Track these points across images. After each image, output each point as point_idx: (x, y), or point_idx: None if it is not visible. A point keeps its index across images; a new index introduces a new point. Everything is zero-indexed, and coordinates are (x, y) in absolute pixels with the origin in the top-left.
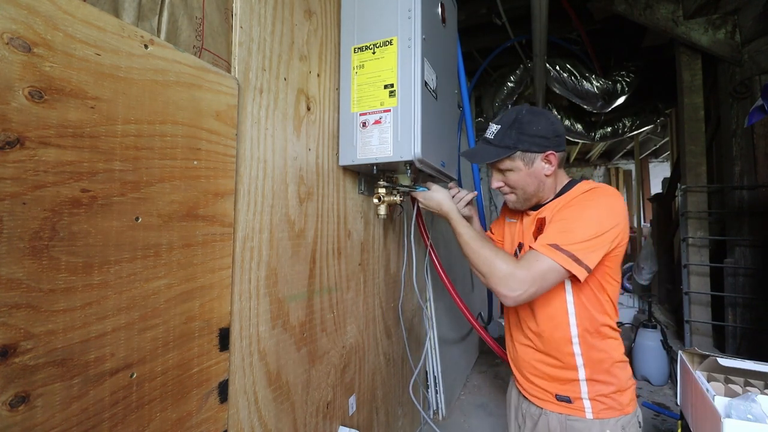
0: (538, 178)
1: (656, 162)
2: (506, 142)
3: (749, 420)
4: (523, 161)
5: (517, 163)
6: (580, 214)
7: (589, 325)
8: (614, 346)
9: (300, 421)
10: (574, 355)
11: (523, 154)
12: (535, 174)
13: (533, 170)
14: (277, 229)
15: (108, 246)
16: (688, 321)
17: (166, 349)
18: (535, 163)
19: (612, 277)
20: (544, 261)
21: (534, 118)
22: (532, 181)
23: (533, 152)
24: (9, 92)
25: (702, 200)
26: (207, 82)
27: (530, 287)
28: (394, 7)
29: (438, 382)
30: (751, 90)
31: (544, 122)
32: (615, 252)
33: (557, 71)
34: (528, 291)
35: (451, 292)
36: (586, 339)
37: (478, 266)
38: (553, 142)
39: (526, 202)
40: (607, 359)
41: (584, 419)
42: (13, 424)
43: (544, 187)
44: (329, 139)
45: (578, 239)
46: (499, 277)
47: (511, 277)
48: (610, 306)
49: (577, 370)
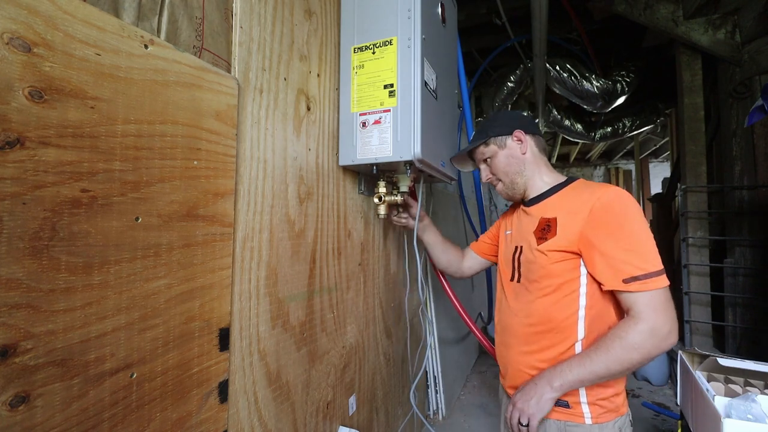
0: (515, 158)
1: (656, 162)
2: (480, 136)
3: (749, 420)
4: (496, 144)
5: (491, 147)
6: (630, 232)
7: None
8: None
9: (300, 421)
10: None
11: (494, 139)
12: (511, 154)
13: (507, 150)
14: (277, 229)
15: (108, 246)
16: (688, 321)
17: (166, 349)
18: (507, 144)
19: None
20: (654, 295)
21: (500, 112)
22: (510, 161)
23: (503, 135)
24: (9, 92)
25: (702, 200)
26: (207, 82)
27: (669, 318)
28: (393, 7)
29: (438, 382)
30: (751, 90)
31: (509, 113)
32: None
33: (557, 71)
34: (673, 323)
35: (449, 294)
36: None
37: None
38: (518, 123)
39: (513, 186)
40: None
41: (583, 425)
42: (13, 424)
43: (524, 167)
44: (329, 139)
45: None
46: (647, 343)
47: (652, 335)
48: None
49: None
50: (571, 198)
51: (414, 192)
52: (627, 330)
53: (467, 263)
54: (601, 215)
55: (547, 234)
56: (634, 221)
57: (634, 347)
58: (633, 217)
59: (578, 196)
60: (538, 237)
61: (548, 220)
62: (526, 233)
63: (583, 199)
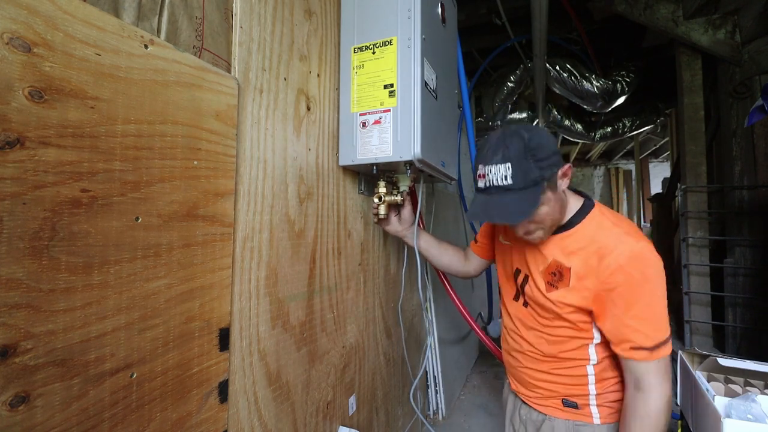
0: (561, 200)
1: (656, 162)
2: (532, 177)
3: (749, 420)
4: (551, 190)
5: (548, 194)
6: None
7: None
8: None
9: (300, 421)
10: (587, 376)
11: (549, 183)
12: (560, 197)
13: (558, 193)
14: (277, 229)
15: (108, 246)
16: (688, 321)
17: (166, 349)
18: (558, 183)
19: None
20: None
21: (536, 136)
22: (559, 206)
23: (555, 173)
24: (9, 92)
25: (702, 200)
26: (207, 82)
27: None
28: (393, 7)
29: (438, 382)
30: (751, 90)
31: (545, 135)
32: None
33: (557, 71)
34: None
35: (450, 293)
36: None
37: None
38: (556, 149)
39: (551, 231)
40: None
41: (592, 425)
42: (13, 424)
43: (567, 205)
44: (329, 139)
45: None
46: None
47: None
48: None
49: (587, 387)
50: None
51: (414, 192)
52: (646, 405)
53: (473, 265)
54: (620, 281)
55: (559, 283)
56: (654, 288)
57: (659, 418)
58: (653, 282)
59: (594, 242)
60: (548, 282)
61: (560, 266)
62: (532, 264)
63: (602, 253)
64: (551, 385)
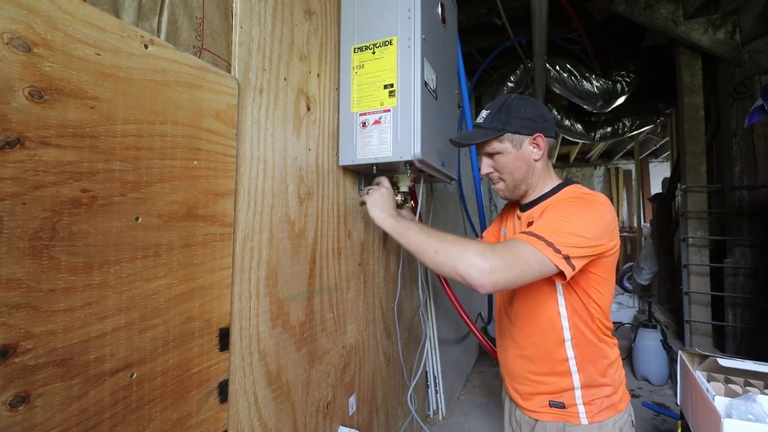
0: (526, 162)
1: (656, 162)
2: (495, 124)
3: (749, 420)
4: (511, 143)
5: (506, 144)
6: (569, 216)
7: (582, 330)
8: (608, 348)
9: (300, 421)
10: (568, 360)
11: (512, 136)
12: (524, 157)
13: (521, 153)
14: (277, 229)
15: (108, 246)
16: (688, 321)
17: (166, 349)
18: (523, 146)
19: (600, 285)
20: (527, 248)
21: (522, 102)
22: (520, 165)
23: (521, 134)
24: (9, 92)
25: (702, 200)
26: (207, 82)
27: (511, 268)
28: (393, 7)
29: (438, 382)
30: (751, 90)
31: (532, 107)
32: (604, 260)
33: (557, 71)
34: (510, 272)
35: (448, 293)
36: (580, 342)
37: (445, 252)
38: (541, 126)
39: (515, 190)
40: (601, 362)
41: (580, 425)
42: (13, 424)
43: (533, 174)
44: (329, 139)
45: (565, 238)
46: (473, 254)
47: (486, 253)
48: (599, 312)
49: (571, 376)
50: (553, 199)
51: (414, 192)
52: (478, 252)
53: None
54: (562, 204)
55: None
56: (583, 216)
57: (461, 245)
58: (586, 213)
59: (558, 196)
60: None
61: (530, 224)
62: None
63: (561, 197)
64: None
